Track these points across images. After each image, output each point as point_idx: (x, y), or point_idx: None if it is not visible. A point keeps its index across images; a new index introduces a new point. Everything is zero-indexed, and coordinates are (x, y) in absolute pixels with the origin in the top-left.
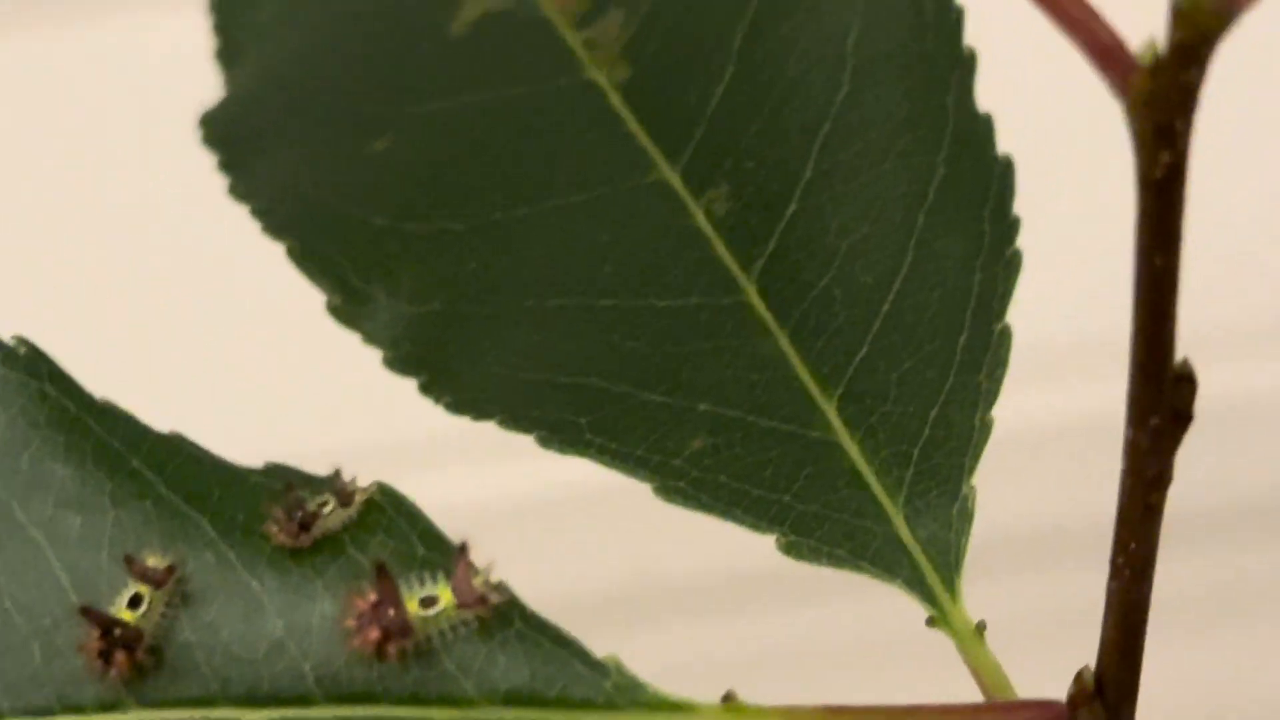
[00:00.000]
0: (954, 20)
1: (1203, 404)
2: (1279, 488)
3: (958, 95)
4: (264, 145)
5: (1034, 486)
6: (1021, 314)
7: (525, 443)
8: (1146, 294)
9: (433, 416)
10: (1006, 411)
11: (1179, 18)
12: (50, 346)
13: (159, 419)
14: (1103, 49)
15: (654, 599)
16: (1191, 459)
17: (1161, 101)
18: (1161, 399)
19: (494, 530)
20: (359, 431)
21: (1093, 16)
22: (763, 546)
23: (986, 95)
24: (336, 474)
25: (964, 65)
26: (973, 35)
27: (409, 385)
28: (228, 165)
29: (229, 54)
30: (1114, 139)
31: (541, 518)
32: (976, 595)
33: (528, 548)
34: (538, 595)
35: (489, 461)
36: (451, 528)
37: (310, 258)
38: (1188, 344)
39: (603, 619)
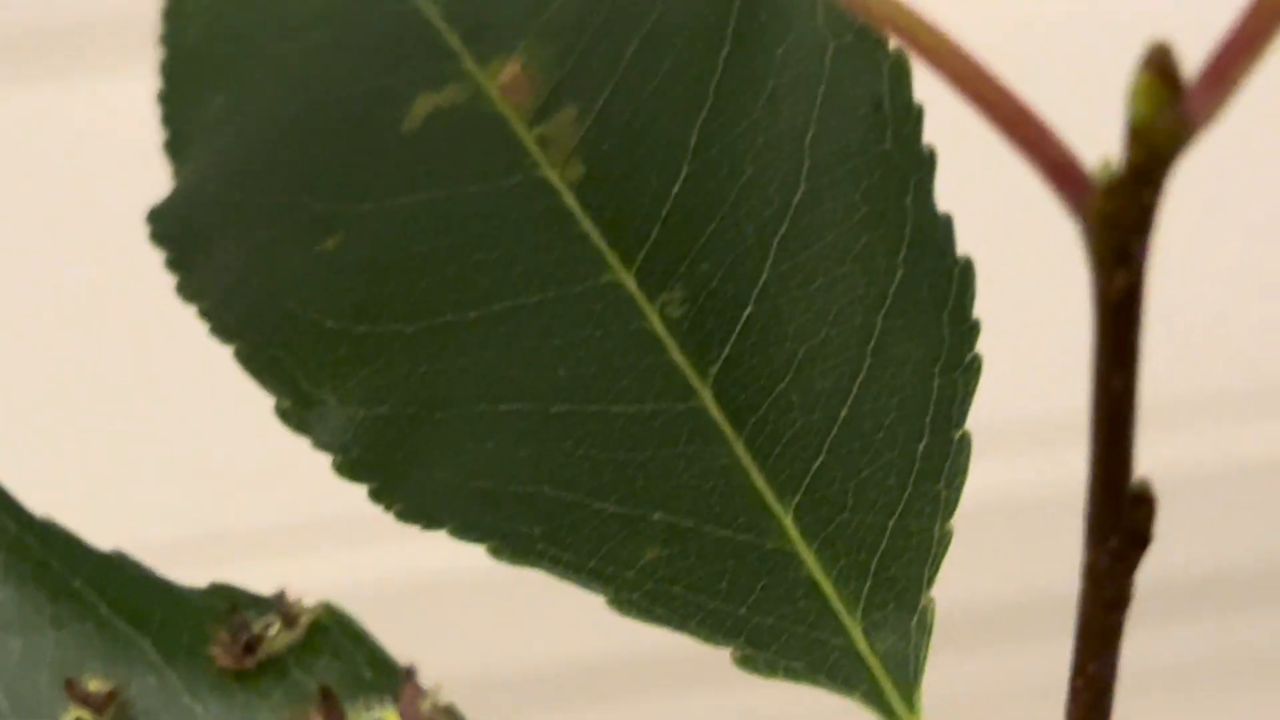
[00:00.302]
0: (914, 118)
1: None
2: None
3: (917, 195)
4: (212, 243)
5: (995, 559)
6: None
7: None
8: (1104, 415)
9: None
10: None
11: (1135, 138)
12: None
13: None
14: (1057, 168)
15: (613, 675)
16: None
17: (1118, 222)
18: (1119, 520)
19: (452, 604)
20: (301, 506)
21: (1046, 135)
22: None
23: (946, 194)
24: (281, 594)
25: (924, 165)
26: (932, 133)
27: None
28: (175, 263)
29: (177, 147)
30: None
31: (494, 592)
32: (939, 667)
33: (478, 623)
34: (485, 671)
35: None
36: (405, 602)
37: (259, 361)
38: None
39: (562, 694)
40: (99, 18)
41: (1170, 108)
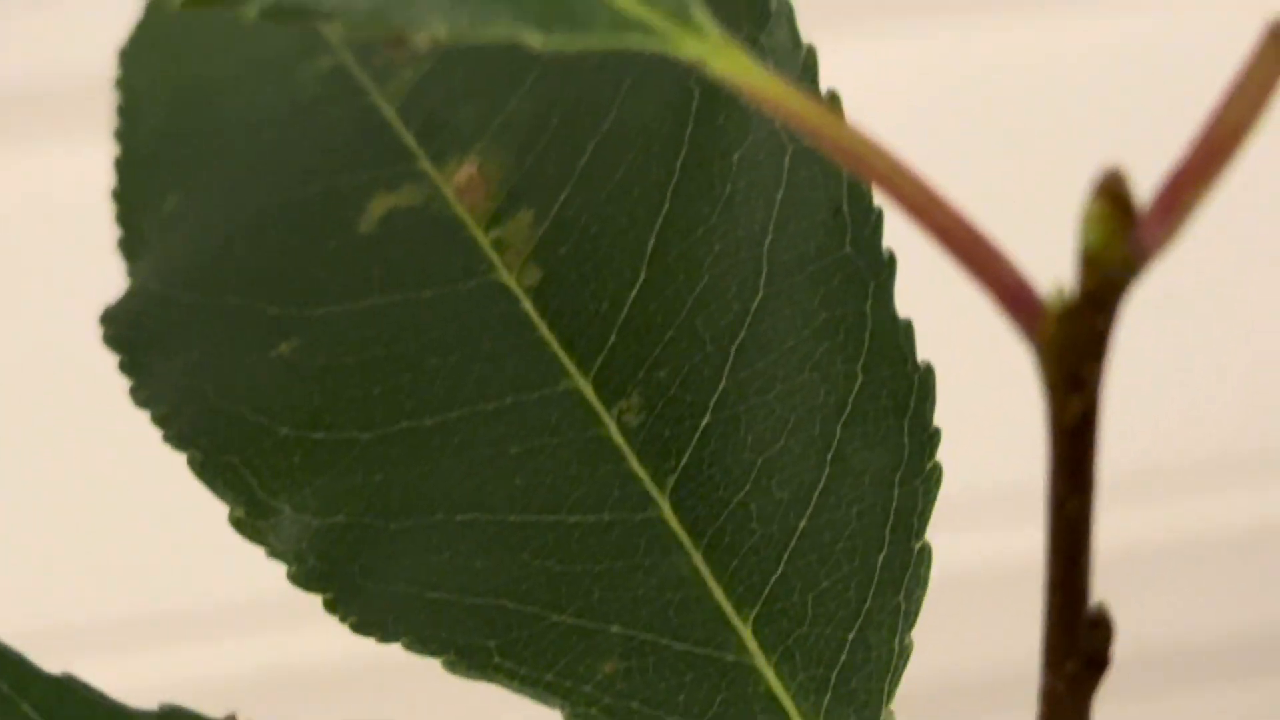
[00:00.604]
0: (873, 222)
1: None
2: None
3: (876, 300)
4: (167, 347)
5: (960, 632)
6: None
7: None
8: (1059, 540)
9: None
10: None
11: (1087, 265)
12: None
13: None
14: (1009, 294)
15: None
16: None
17: (1071, 348)
18: (1077, 644)
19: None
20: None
21: (998, 260)
22: None
23: (906, 299)
24: (232, 717)
25: (883, 269)
26: (891, 236)
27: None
28: (129, 367)
29: (131, 246)
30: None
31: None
32: None
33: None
34: None
35: None
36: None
37: (213, 469)
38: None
39: None
40: (52, 85)
41: (1123, 235)
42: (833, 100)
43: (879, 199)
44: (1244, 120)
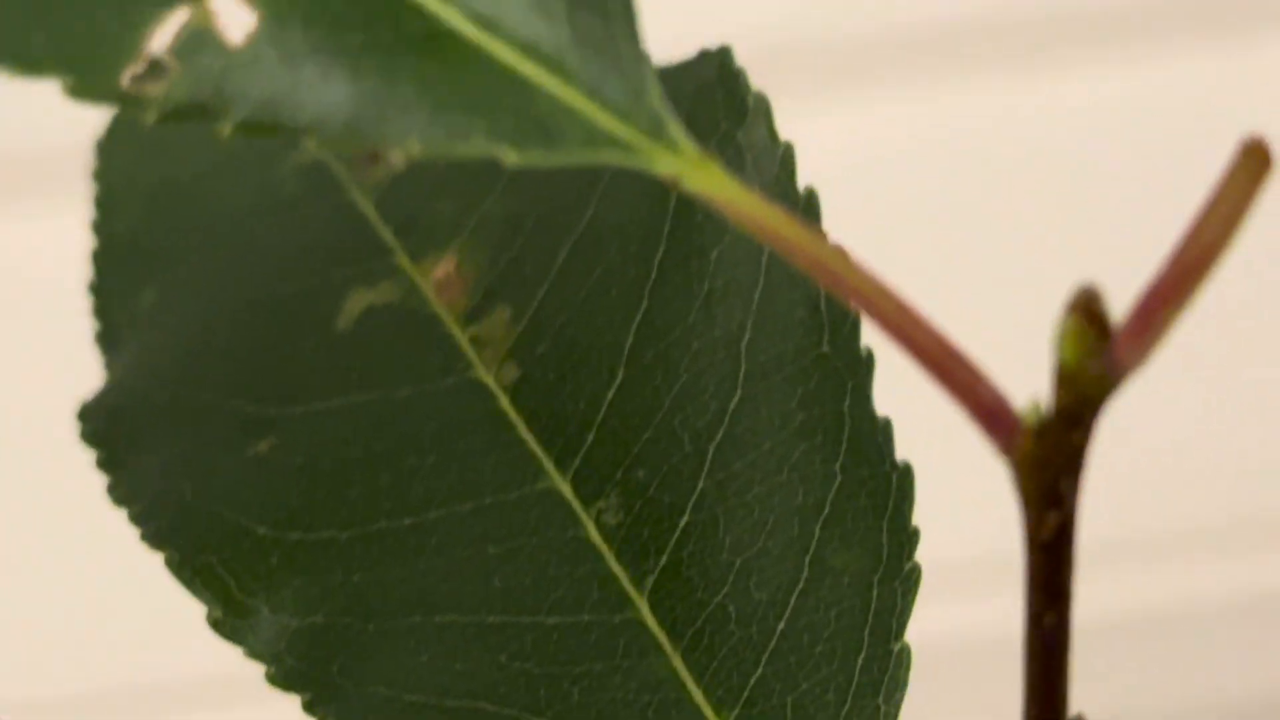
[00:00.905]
0: (851, 321)
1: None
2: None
3: (854, 399)
4: (144, 444)
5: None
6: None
7: None
8: (1036, 652)
9: None
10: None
11: (1063, 382)
12: None
13: None
14: (985, 410)
15: None
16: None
17: (1047, 464)
18: None
19: None
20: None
21: (975, 376)
22: None
23: (884, 398)
24: None
25: (861, 368)
26: (869, 334)
27: None
28: (106, 464)
29: (108, 340)
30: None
31: None
32: None
33: None
34: None
35: None
36: None
37: (190, 569)
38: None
39: None
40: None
41: (1098, 352)
42: (810, 201)
43: None
44: (1219, 238)
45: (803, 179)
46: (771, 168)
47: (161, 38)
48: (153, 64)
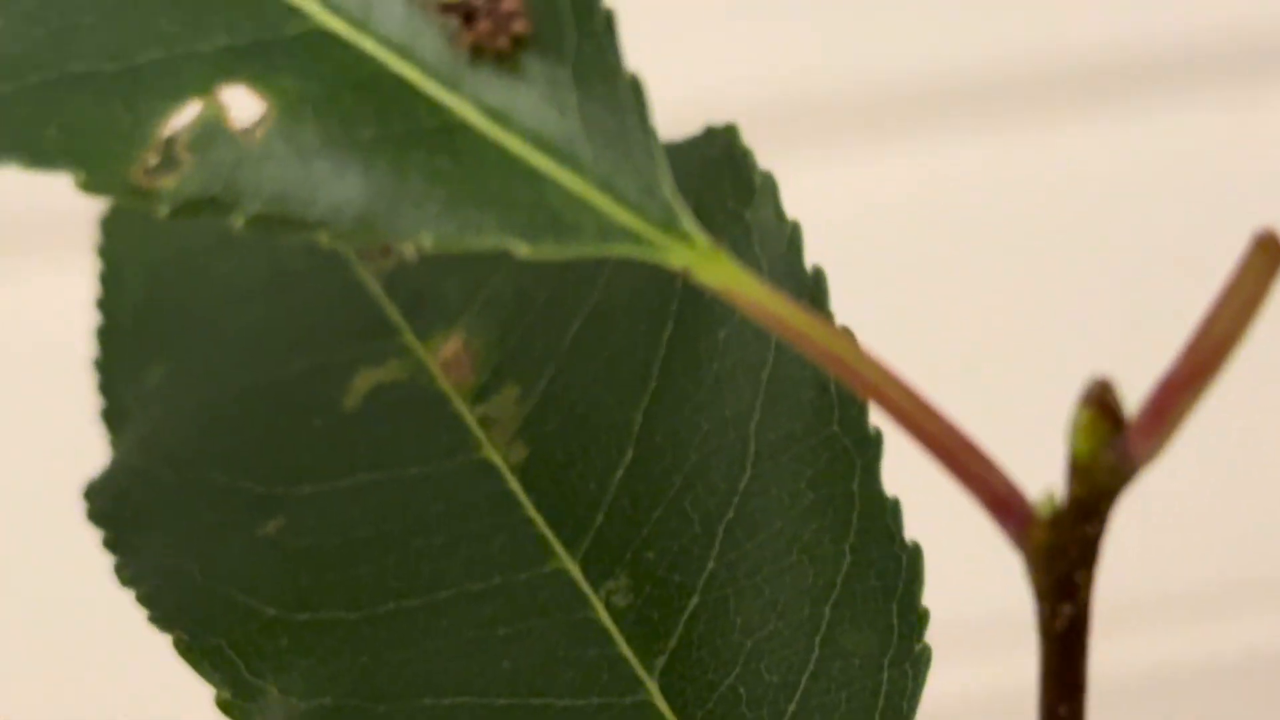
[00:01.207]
0: (860, 401)
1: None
2: None
3: (864, 479)
4: (151, 524)
5: None
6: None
7: None
8: None
9: None
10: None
11: (1076, 473)
12: None
13: None
14: (999, 501)
15: None
16: None
17: (1062, 556)
18: None
19: None
20: None
21: (988, 467)
22: None
23: (893, 477)
24: None
25: (870, 447)
26: (878, 413)
27: None
28: (113, 545)
29: (114, 418)
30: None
31: None
32: None
33: None
34: None
35: None
36: None
37: (198, 651)
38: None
39: None
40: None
41: (1112, 444)
42: (817, 281)
43: None
44: (1232, 332)
45: (805, 245)
46: (779, 247)
47: (173, 129)
48: (165, 157)
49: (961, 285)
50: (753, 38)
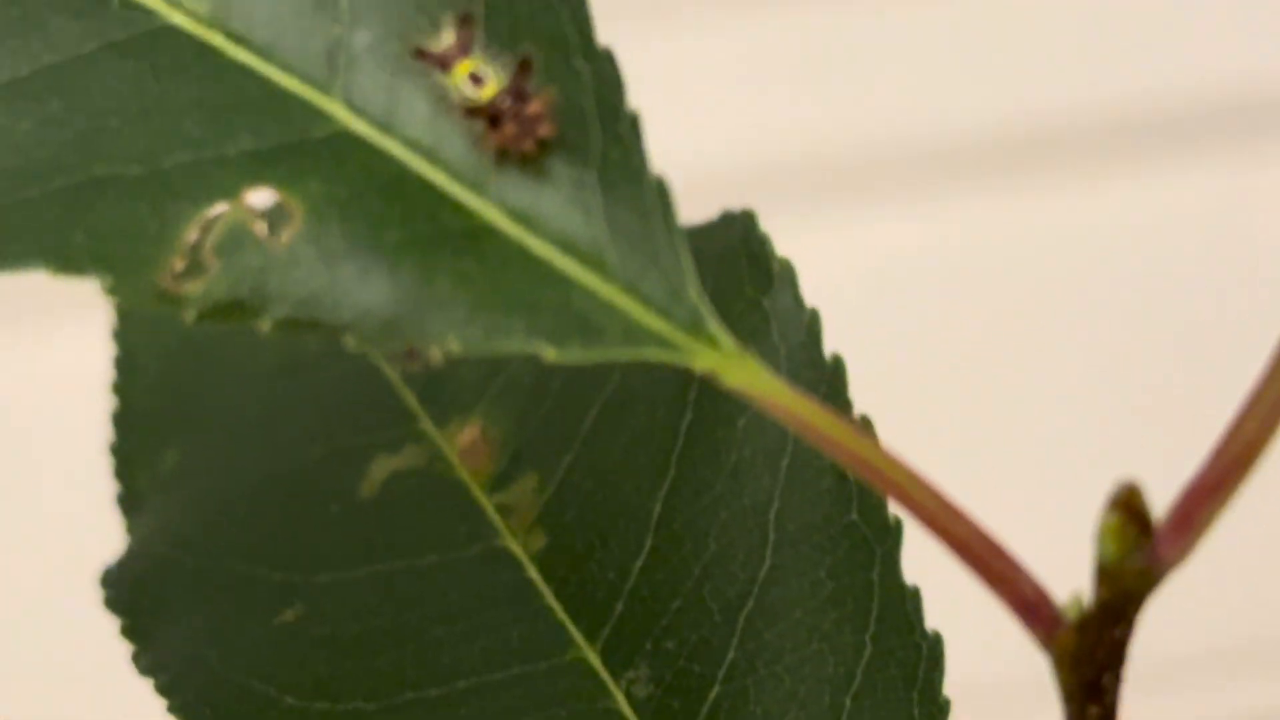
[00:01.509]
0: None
1: None
2: None
3: (884, 568)
4: (169, 611)
5: None
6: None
7: None
8: None
9: None
10: None
11: (1104, 577)
12: None
13: None
14: (1026, 604)
15: None
16: None
17: (1089, 659)
18: None
19: None
20: None
21: (1016, 571)
22: None
23: (912, 566)
24: None
25: (890, 535)
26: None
27: None
28: (131, 632)
29: (129, 503)
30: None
31: None
32: None
33: None
34: None
35: None
36: None
37: None
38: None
39: None
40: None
41: (1140, 548)
42: (836, 370)
43: None
44: (1262, 435)
45: (809, 296)
46: (798, 335)
47: (199, 233)
48: (191, 262)
49: (957, 347)
50: (750, 100)
